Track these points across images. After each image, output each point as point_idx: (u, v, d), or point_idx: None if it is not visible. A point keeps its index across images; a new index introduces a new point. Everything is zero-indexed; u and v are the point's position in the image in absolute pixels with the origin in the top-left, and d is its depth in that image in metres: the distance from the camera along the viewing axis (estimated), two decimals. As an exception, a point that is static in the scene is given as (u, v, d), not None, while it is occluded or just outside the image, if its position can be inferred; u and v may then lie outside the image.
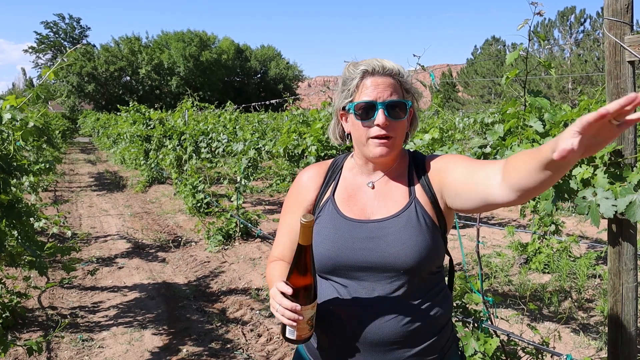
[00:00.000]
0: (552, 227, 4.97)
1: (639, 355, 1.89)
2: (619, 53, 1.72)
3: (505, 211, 8.11)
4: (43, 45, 54.20)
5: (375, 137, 1.24)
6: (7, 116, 2.60)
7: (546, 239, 4.96)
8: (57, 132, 17.14)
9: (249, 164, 5.99)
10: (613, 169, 1.81)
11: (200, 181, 7.63)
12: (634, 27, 1.71)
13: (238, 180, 6.21)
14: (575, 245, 5.37)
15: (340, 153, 4.21)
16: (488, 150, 2.24)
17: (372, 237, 1.23)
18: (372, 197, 1.31)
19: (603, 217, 1.76)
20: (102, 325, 3.83)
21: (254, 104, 8.68)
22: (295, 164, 5.06)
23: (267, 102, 8.56)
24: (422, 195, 1.27)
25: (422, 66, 2.47)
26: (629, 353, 1.82)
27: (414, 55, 2.46)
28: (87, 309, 4.18)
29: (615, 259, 1.81)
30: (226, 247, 5.98)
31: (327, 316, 1.25)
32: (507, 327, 3.30)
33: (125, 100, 36.85)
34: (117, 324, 3.85)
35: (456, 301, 2.56)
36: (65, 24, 55.05)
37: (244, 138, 6.25)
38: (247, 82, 54.27)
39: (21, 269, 3.20)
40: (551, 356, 2.79)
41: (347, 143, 1.39)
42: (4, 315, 3.62)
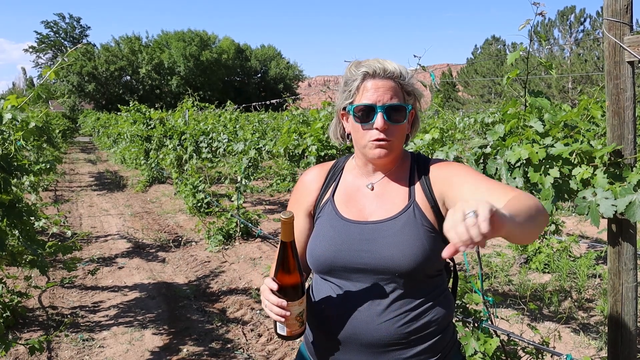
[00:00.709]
0: (552, 227, 4.98)
1: (639, 355, 1.89)
2: (618, 53, 1.73)
3: (506, 211, 8.08)
4: (43, 45, 54.32)
5: (374, 140, 1.24)
6: (8, 116, 2.61)
7: (546, 238, 4.97)
8: (57, 131, 17.13)
9: (250, 164, 6.00)
10: (613, 169, 1.81)
11: (200, 181, 7.63)
12: (634, 27, 1.72)
13: (238, 180, 6.21)
14: (575, 245, 5.37)
15: (341, 153, 4.22)
16: (488, 150, 2.24)
17: (368, 238, 1.22)
18: (370, 198, 1.30)
19: (603, 217, 1.76)
20: (103, 324, 3.84)
21: (254, 104, 8.70)
22: (296, 163, 5.07)
23: (267, 102, 8.57)
24: (422, 198, 1.26)
25: (423, 67, 2.47)
26: (629, 353, 1.83)
27: (415, 55, 2.46)
28: (88, 308, 4.18)
29: (615, 259, 1.82)
30: (226, 247, 5.99)
31: (324, 316, 1.25)
32: (507, 327, 3.30)
33: (125, 99, 36.84)
34: (118, 323, 3.86)
35: (456, 301, 2.56)
36: (65, 24, 55.23)
37: (245, 138, 6.26)
38: (248, 81, 54.35)
39: (22, 268, 3.20)
40: (551, 356, 2.79)
41: (348, 143, 1.38)
42: (4, 315, 3.62)
